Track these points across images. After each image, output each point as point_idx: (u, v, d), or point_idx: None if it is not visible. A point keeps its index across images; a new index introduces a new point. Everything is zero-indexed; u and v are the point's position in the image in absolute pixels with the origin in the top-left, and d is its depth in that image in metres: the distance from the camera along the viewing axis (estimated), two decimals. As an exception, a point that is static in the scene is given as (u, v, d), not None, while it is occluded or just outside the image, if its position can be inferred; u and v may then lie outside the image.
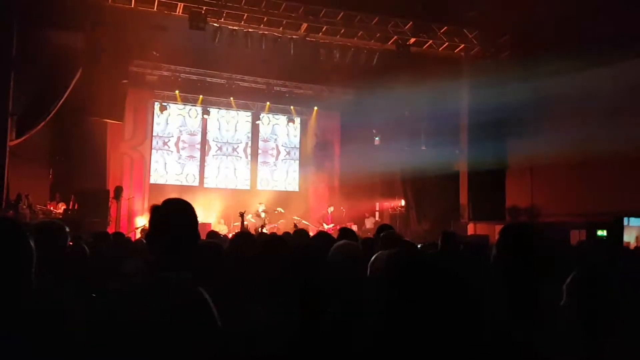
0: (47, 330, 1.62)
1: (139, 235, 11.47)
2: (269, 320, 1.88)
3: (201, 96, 16.40)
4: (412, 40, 13.60)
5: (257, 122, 17.64)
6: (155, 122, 16.53)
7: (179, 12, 12.15)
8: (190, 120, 17.05)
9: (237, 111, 17.52)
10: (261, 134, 17.96)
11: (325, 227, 14.51)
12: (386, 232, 4.44)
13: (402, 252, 1.59)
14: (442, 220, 14.18)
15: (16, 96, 11.17)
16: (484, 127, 13.26)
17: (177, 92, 15.93)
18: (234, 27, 12.83)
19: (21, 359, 1.62)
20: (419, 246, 5.57)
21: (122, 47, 12.70)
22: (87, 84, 12.55)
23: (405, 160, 15.06)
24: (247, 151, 17.74)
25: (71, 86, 12.28)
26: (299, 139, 18.46)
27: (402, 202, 16.29)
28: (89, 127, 13.29)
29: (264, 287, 2.11)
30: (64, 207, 12.38)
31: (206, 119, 16.92)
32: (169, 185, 16.26)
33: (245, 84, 16.39)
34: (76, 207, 12.26)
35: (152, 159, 16.40)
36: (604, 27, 10.29)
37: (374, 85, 13.99)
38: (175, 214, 2.12)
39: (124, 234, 8.13)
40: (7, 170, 10.96)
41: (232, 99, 16.66)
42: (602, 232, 10.05)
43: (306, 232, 5.17)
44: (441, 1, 13.25)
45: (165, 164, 16.69)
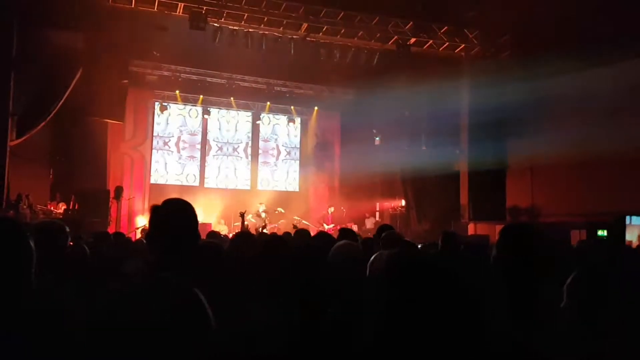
0: (47, 330, 1.62)
1: (139, 235, 11.47)
2: (269, 320, 1.88)
3: (201, 96, 16.39)
4: (413, 40, 13.59)
5: (257, 122, 17.64)
6: (155, 122, 16.53)
7: (179, 12, 12.15)
8: (190, 120, 17.05)
9: (238, 111, 17.52)
10: (261, 134, 17.96)
11: (325, 227, 14.51)
12: (387, 232, 4.45)
13: (402, 252, 1.59)
14: (442, 220, 14.17)
15: (16, 96, 11.19)
16: (484, 127, 13.25)
17: (177, 92, 15.93)
18: (235, 27, 12.82)
19: (21, 359, 1.62)
20: (419, 246, 5.57)
21: (122, 47, 12.70)
22: (88, 84, 12.57)
23: (405, 160, 15.06)
24: (248, 151, 17.73)
25: (71, 86, 12.30)
26: (299, 139, 18.45)
27: (403, 202, 16.28)
28: (89, 127, 13.30)
29: (264, 287, 2.11)
30: (65, 207, 12.39)
31: (206, 119, 16.91)
32: (169, 185, 16.26)
33: (245, 84, 16.38)
34: (76, 207, 12.27)
35: (153, 159, 16.40)
36: (604, 27, 10.29)
37: (375, 85, 13.98)
38: (175, 214, 2.12)
39: (125, 234, 8.13)
40: (7, 170, 10.97)
41: (232, 99, 16.66)
42: (602, 232, 10.04)
43: (308, 232, 5.17)
44: (441, 1, 13.24)
45: (165, 164, 16.68)
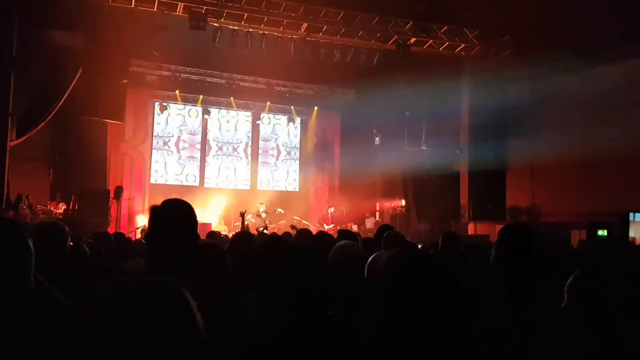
0: (46, 330, 1.61)
1: (139, 235, 11.47)
2: (269, 320, 1.88)
3: (201, 96, 16.39)
4: (413, 40, 13.58)
5: (257, 122, 17.63)
6: (155, 122, 16.52)
7: (179, 12, 12.14)
8: (190, 120, 17.05)
9: (238, 111, 17.51)
10: (261, 133, 17.95)
11: (325, 227, 14.51)
12: (388, 232, 4.45)
13: (402, 253, 1.58)
14: (442, 220, 14.18)
15: (16, 96, 11.20)
16: (484, 127, 13.27)
17: (177, 92, 15.92)
18: (234, 27, 12.81)
19: (21, 359, 1.61)
20: (420, 246, 5.57)
21: (122, 47, 12.69)
22: (88, 84, 12.57)
23: (405, 160, 15.05)
24: (248, 151, 17.72)
25: (71, 86, 12.30)
26: (299, 138, 18.44)
27: (403, 202, 16.28)
28: (89, 127, 13.29)
29: (264, 287, 2.10)
30: (65, 207, 12.38)
31: (206, 119, 16.90)
32: (169, 185, 16.25)
33: (245, 84, 16.38)
34: (76, 207, 12.27)
35: (153, 159, 16.40)
36: (604, 27, 10.28)
37: (375, 85, 13.98)
38: (174, 214, 2.12)
39: (125, 234, 8.14)
40: (7, 170, 10.98)
41: (232, 98, 16.65)
42: (602, 232, 10.04)
43: (310, 232, 5.16)
44: (441, 1, 13.24)
45: (165, 164, 16.67)
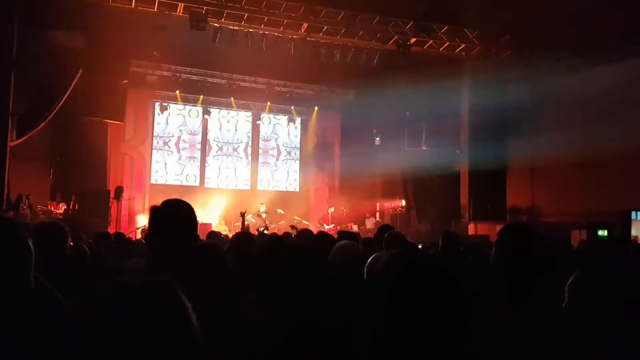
0: (46, 330, 1.61)
1: (139, 235, 11.48)
2: (269, 320, 1.88)
3: (202, 96, 16.38)
4: (413, 40, 13.57)
5: (257, 122, 17.64)
6: (155, 122, 16.52)
7: (179, 12, 12.14)
8: (190, 120, 17.04)
9: (238, 111, 17.50)
10: (262, 134, 17.94)
11: (325, 227, 14.51)
12: (389, 232, 4.46)
13: (402, 253, 1.58)
14: (442, 220, 14.17)
15: (16, 96, 11.19)
16: (484, 127, 13.26)
17: (177, 92, 15.92)
18: (235, 27, 12.81)
19: (21, 359, 1.61)
20: (420, 246, 5.58)
21: (122, 47, 12.68)
22: (88, 84, 12.58)
23: (405, 160, 15.05)
24: (248, 151, 17.72)
25: (71, 86, 12.30)
26: (299, 139, 18.43)
27: (403, 202, 16.27)
28: (89, 127, 13.29)
29: (264, 287, 2.10)
30: (65, 207, 12.38)
31: (207, 119, 16.89)
32: (169, 185, 16.25)
33: (245, 84, 16.37)
34: (77, 207, 12.27)
35: (153, 159, 16.39)
36: (603, 27, 10.28)
37: (375, 85, 13.98)
38: (174, 214, 2.12)
39: (125, 234, 8.14)
40: (7, 170, 10.97)
41: (232, 99, 16.64)
42: (602, 232, 10.04)
43: (311, 232, 5.15)
44: (442, 1, 13.23)
45: (165, 164, 16.67)
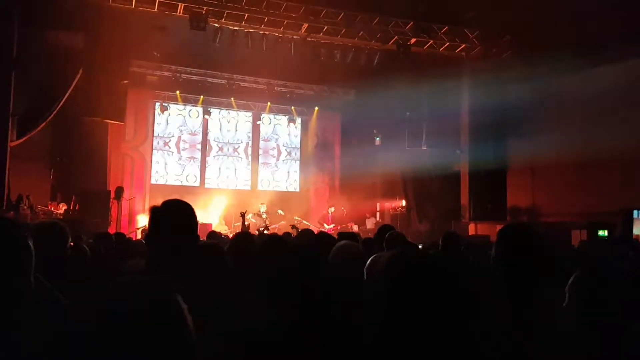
0: (46, 330, 1.61)
1: (139, 235, 11.48)
2: (269, 320, 1.88)
3: (202, 96, 16.38)
4: (413, 40, 13.57)
5: (258, 122, 17.64)
6: (156, 122, 16.52)
7: (179, 13, 12.15)
8: (190, 120, 17.04)
9: (238, 111, 17.50)
10: (262, 134, 17.94)
11: (325, 227, 14.50)
12: (390, 233, 4.46)
13: (402, 254, 1.58)
14: (443, 220, 14.17)
15: (17, 96, 11.19)
16: (484, 127, 13.26)
17: (177, 92, 15.91)
18: (235, 28, 12.82)
19: (21, 359, 1.61)
20: (420, 246, 5.58)
21: (122, 47, 12.68)
22: (88, 84, 12.57)
23: (406, 160, 15.05)
24: (248, 151, 17.72)
25: (72, 86, 12.30)
26: (299, 139, 18.43)
27: (403, 202, 16.27)
28: (89, 127, 13.30)
29: (264, 287, 2.10)
30: (65, 207, 12.38)
31: (207, 119, 16.89)
32: (170, 185, 16.25)
33: (246, 84, 16.37)
34: (77, 207, 12.27)
35: (153, 159, 16.40)
36: (603, 27, 10.28)
37: (375, 85, 13.97)
38: (174, 214, 2.12)
39: (125, 234, 8.14)
40: (8, 170, 10.98)
41: (232, 99, 16.64)
42: (603, 232, 10.04)
43: (312, 232, 5.15)
44: (442, 1, 13.23)
45: (165, 164, 16.67)
